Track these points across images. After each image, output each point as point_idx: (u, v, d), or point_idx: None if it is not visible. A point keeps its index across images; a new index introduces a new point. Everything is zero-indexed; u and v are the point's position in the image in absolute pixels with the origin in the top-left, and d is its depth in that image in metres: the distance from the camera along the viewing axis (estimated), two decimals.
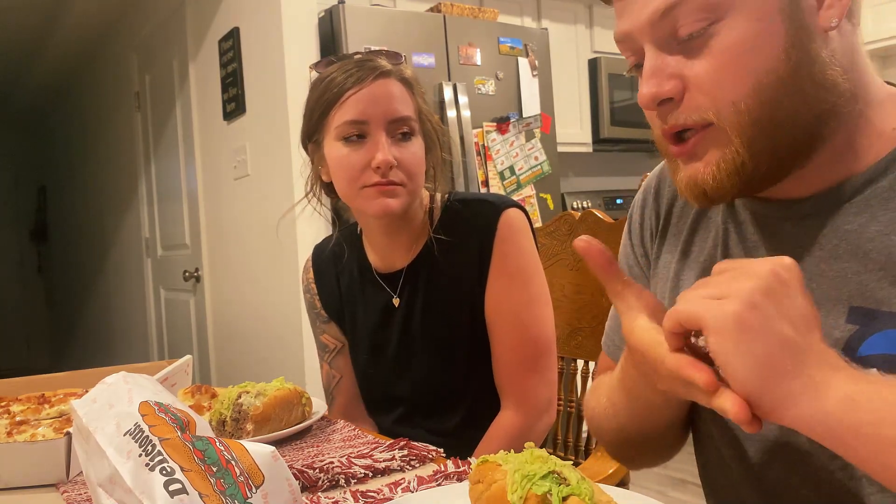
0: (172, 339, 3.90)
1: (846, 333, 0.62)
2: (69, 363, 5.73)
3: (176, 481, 0.56)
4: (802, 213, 0.67)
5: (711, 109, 0.62)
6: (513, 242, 1.17)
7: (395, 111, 1.13)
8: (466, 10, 3.02)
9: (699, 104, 0.62)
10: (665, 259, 0.81)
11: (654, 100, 0.63)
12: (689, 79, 0.62)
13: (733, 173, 0.62)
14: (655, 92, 0.63)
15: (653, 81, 0.63)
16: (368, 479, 0.85)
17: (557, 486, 0.59)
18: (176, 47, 3.50)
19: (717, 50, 0.61)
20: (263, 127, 2.83)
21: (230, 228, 3.20)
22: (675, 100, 0.63)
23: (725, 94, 0.61)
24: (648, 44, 0.64)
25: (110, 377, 0.71)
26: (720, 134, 0.62)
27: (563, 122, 3.50)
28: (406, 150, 1.14)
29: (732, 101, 0.61)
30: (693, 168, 0.65)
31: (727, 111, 0.61)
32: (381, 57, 1.18)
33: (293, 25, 2.65)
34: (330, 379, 1.36)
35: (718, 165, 0.63)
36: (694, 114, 0.63)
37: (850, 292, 0.63)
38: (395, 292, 1.25)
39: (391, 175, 1.12)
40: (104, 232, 4.93)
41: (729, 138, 0.62)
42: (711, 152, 0.63)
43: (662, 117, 0.65)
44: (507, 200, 1.21)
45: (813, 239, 0.66)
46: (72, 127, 5.56)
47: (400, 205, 1.14)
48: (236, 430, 1.01)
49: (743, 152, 0.61)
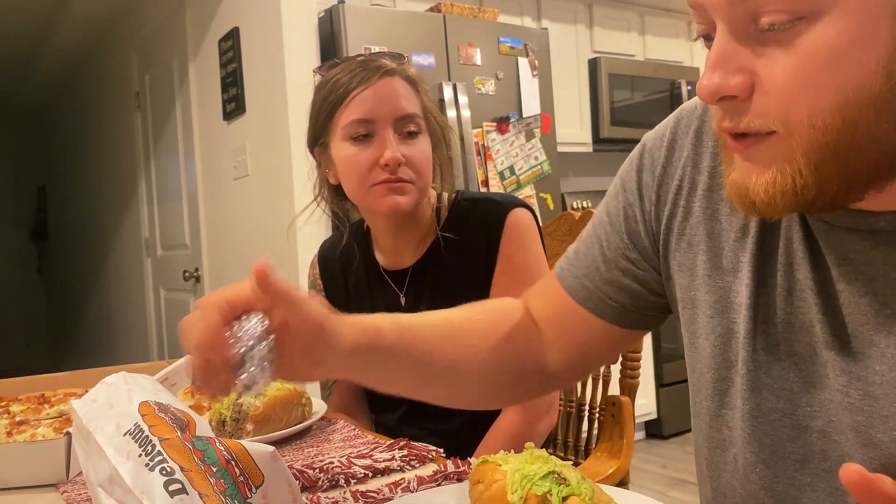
0: (172, 339, 3.90)
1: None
2: (69, 363, 5.73)
3: (176, 481, 0.56)
4: (876, 227, 0.56)
5: (780, 119, 0.51)
6: (519, 242, 1.17)
7: (402, 109, 1.14)
8: (466, 10, 3.02)
9: (767, 110, 0.52)
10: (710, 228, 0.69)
11: (714, 95, 0.53)
12: (761, 78, 0.52)
13: (789, 194, 0.53)
14: (718, 85, 0.52)
15: (718, 72, 0.52)
16: (368, 479, 0.85)
17: (557, 486, 0.59)
18: (176, 47, 3.50)
19: (802, 50, 0.49)
20: (263, 127, 2.83)
21: (230, 228, 3.20)
22: (740, 98, 0.53)
23: (801, 106, 0.50)
24: (721, 22, 0.53)
25: (110, 377, 0.71)
26: (785, 146, 0.52)
27: (563, 122, 3.50)
28: (414, 148, 1.15)
29: (809, 114, 0.50)
30: (745, 171, 0.55)
31: (799, 125, 0.51)
32: (384, 57, 1.18)
33: (293, 25, 2.66)
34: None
35: (775, 180, 0.53)
36: (759, 119, 0.52)
37: None
38: (402, 290, 1.25)
39: (400, 172, 1.13)
40: (104, 232, 4.93)
41: (793, 154, 0.52)
42: (770, 165, 0.53)
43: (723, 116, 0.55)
44: (514, 200, 1.21)
45: (885, 256, 0.56)
46: (72, 127, 5.56)
47: (409, 202, 1.15)
48: (236, 430, 1.01)
49: (807, 174, 0.52)
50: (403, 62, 1.19)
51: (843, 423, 0.59)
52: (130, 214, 4.36)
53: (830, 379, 0.59)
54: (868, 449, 0.57)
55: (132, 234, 4.36)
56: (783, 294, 0.63)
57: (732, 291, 0.66)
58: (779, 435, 0.64)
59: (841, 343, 0.59)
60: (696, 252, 0.69)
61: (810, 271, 0.60)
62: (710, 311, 0.68)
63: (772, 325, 0.63)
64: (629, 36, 3.98)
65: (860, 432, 0.57)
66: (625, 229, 0.75)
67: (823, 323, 0.60)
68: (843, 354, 0.59)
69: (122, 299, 4.66)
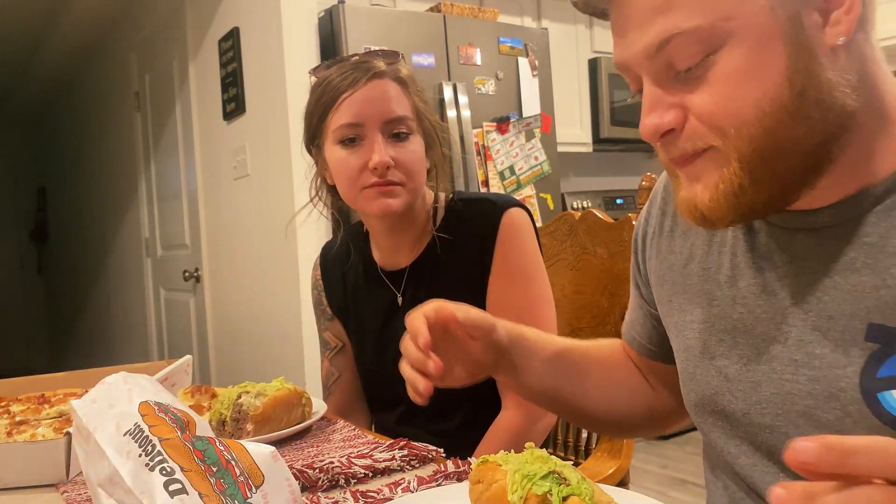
0: (172, 339, 3.90)
1: (865, 352, 0.60)
2: (69, 363, 5.72)
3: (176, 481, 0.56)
4: (819, 224, 0.64)
5: (714, 137, 0.60)
6: (514, 242, 1.17)
7: (391, 111, 1.14)
8: (466, 10, 3.02)
9: (701, 132, 0.61)
10: (669, 261, 0.81)
11: (656, 132, 0.62)
12: (690, 108, 0.61)
13: (731, 196, 0.61)
14: (657, 124, 0.62)
15: (654, 114, 0.62)
16: (368, 479, 0.85)
17: (558, 486, 0.59)
18: (176, 47, 3.50)
19: (715, 80, 0.59)
20: (263, 127, 2.83)
21: (230, 228, 3.20)
22: (677, 130, 0.62)
23: (727, 123, 0.59)
24: (646, 76, 0.62)
25: (110, 377, 0.71)
26: (720, 156, 0.61)
27: (563, 122, 3.50)
28: (404, 150, 1.15)
29: (735, 127, 0.59)
30: (693, 190, 0.64)
31: (730, 137, 0.60)
32: (377, 58, 1.18)
33: (293, 25, 2.66)
34: (329, 375, 1.37)
35: (717, 187, 0.61)
36: (697, 141, 0.61)
37: (869, 308, 0.60)
38: (399, 291, 1.25)
39: (389, 175, 1.13)
40: (104, 232, 4.93)
41: (728, 160, 0.60)
42: (711, 174, 0.62)
43: (666, 148, 0.64)
44: (510, 200, 1.21)
45: (828, 250, 0.64)
46: (72, 127, 5.56)
47: (400, 204, 1.15)
48: (236, 430, 1.01)
49: (742, 176, 0.60)
50: (396, 62, 1.19)
51: (792, 412, 0.66)
52: (130, 214, 4.36)
53: (777, 372, 0.67)
54: (816, 430, 0.63)
55: (132, 234, 4.36)
56: (728, 303, 0.72)
57: (686, 311, 0.77)
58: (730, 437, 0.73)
59: (784, 336, 0.66)
60: (663, 284, 0.81)
61: (753, 278, 0.70)
62: (674, 331, 0.80)
63: (723, 334, 0.72)
64: None
65: (810, 416, 0.64)
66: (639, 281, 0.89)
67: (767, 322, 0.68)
68: (788, 346, 0.66)
69: (122, 299, 4.66)
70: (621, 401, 0.92)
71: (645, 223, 0.86)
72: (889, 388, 0.59)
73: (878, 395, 0.59)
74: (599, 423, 0.94)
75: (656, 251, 0.83)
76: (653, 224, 0.84)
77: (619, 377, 0.93)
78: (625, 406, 0.92)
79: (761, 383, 0.68)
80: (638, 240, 0.88)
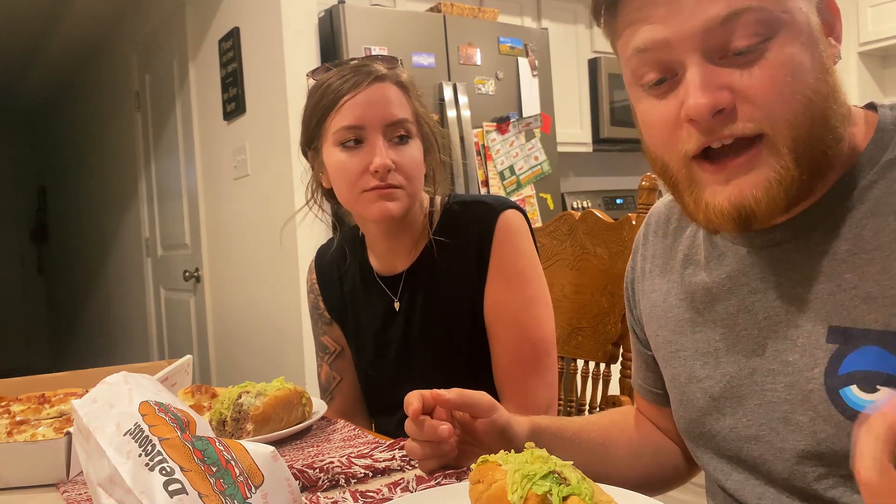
0: (172, 339, 3.90)
1: (828, 353, 0.64)
2: (69, 363, 5.73)
3: (175, 481, 0.56)
4: (777, 240, 0.69)
5: (766, 122, 0.61)
6: (510, 244, 1.17)
7: (392, 115, 1.13)
8: (466, 10, 3.02)
9: (754, 114, 0.61)
10: (651, 299, 0.85)
11: (712, 110, 0.61)
12: (742, 91, 0.61)
13: (785, 187, 0.62)
14: (714, 101, 0.60)
15: (707, 93, 0.60)
16: (368, 479, 0.85)
17: (558, 485, 0.59)
18: (176, 47, 3.50)
19: (771, 64, 0.60)
20: (263, 127, 2.83)
21: (230, 228, 3.20)
22: (727, 111, 0.61)
23: (780, 109, 0.60)
24: (695, 53, 0.61)
25: (111, 377, 0.71)
26: (773, 148, 0.61)
27: (563, 122, 3.50)
28: (404, 153, 1.14)
29: (786, 115, 0.61)
30: (739, 186, 0.63)
31: (782, 125, 0.61)
32: (377, 61, 1.17)
33: (293, 25, 2.66)
34: (330, 380, 1.36)
35: (770, 179, 0.62)
36: (749, 123, 0.61)
37: (828, 312, 0.65)
38: (395, 296, 1.25)
39: (390, 178, 1.12)
40: (104, 232, 4.93)
41: (780, 151, 0.61)
42: (761, 169, 0.62)
43: (712, 129, 0.62)
44: (505, 202, 1.20)
45: (789, 264, 0.68)
46: (72, 127, 5.56)
47: (400, 208, 1.14)
48: (236, 430, 1.01)
49: (793, 168, 0.61)
50: (396, 66, 1.19)
51: (773, 419, 0.69)
52: (130, 214, 4.36)
53: (759, 384, 0.70)
54: (794, 434, 0.67)
55: (132, 234, 4.36)
56: (709, 327, 0.75)
57: (671, 342, 0.81)
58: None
59: (762, 349, 0.70)
60: (650, 322, 0.85)
61: (727, 300, 0.73)
62: (663, 364, 0.83)
63: (707, 357, 0.76)
64: None
65: (788, 420, 0.68)
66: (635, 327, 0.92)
67: (746, 339, 0.71)
68: (766, 357, 0.70)
69: (122, 299, 4.66)
70: (645, 462, 0.92)
71: (631, 271, 0.91)
72: (848, 384, 0.63)
73: (839, 391, 0.63)
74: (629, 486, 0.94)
75: (642, 293, 0.88)
76: (637, 270, 0.89)
77: (639, 441, 0.94)
78: (651, 467, 0.93)
79: (745, 397, 0.72)
80: (628, 287, 0.92)
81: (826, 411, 0.64)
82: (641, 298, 0.88)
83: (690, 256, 0.80)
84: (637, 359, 0.94)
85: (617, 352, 1.33)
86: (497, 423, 0.82)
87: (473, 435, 0.83)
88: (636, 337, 0.92)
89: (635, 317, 0.91)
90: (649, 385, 0.92)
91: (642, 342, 0.91)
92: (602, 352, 1.35)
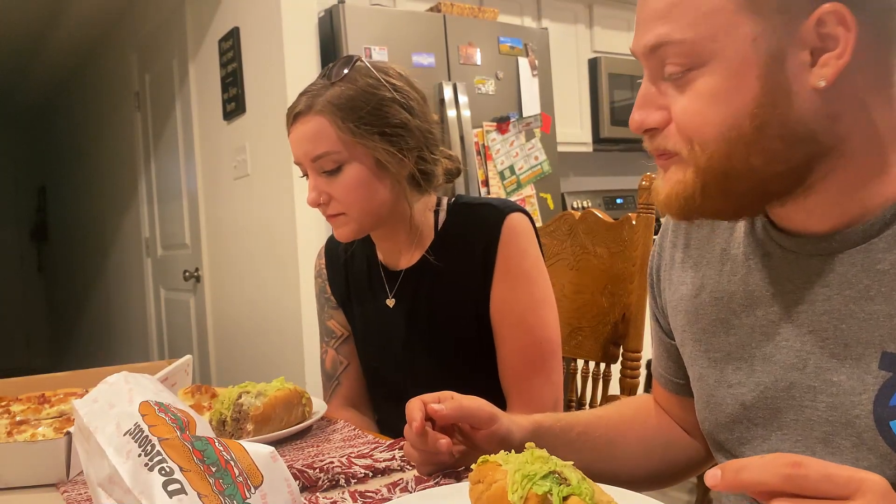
0: (172, 339, 3.90)
1: (879, 380, 0.61)
2: (69, 363, 5.72)
3: (175, 481, 0.56)
4: (830, 249, 0.66)
5: (682, 145, 0.65)
6: (516, 246, 1.18)
7: (310, 152, 1.15)
8: (466, 10, 3.02)
9: (673, 138, 0.66)
10: (680, 291, 0.83)
11: (639, 128, 0.68)
12: (672, 113, 0.66)
13: (681, 199, 0.67)
14: (641, 121, 0.67)
15: (642, 111, 0.67)
16: (368, 479, 0.85)
17: (558, 486, 0.59)
18: (176, 47, 3.50)
19: (692, 94, 0.63)
20: (263, 127, 2.83)
21: (230, 228, 3.20)
22: (659, 129, 0.67)
23: (693, 136, 0.64)
24: (646, 70, 0.67)
25: (112, 377, 0.71)
26: (682, 165, 0.66)
27: (563, 121, 3.50)
28: (335, 184, 1.16)
29: (699, 143, 0.64)
30: (660, 179, 0.70)
31: (692, 151, 0.65)
32: (321, 79, 1.17)
33: (293, 25, 2.65)
34: (336, 365, 1.36)
35: (672, 188, 0.67)
36: (669, 143, 0.66)
37: (883, 336, 0.61)
38: (392, 293, 1.26)
39: (329, 209, 1.18)
40: (104, 232, 4.93)
41: (686, 172, 0.66)
42: (672, 175, 0.67)
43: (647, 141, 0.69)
44: (511, 205, 1.21)
45: (843, 277, 0.65)
46: (72, 127, 5.56)
47: (348, 233, 1.19)
48: (236, 430, 1.01)
49: (695, 186, 0.65)
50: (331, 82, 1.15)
51: (811, 439, 0.68)
52: (130, 214, 4.35)
53: (797, 399, 0.69)
54: (833, 457, 0.65)
55: (132, 234, 4.36)
56: (746, 332, 0.73)
57: (700, 341, 0.79)
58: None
59: (803, 363, 0.68)
60: (676, 314, 0.83)
61: (770, 305, 0.71)
62: (689, 360, 0.82)
63: (740, 363, 0.74)
64: (629, 36, 3.97)
65: (828, 442, 0.66)
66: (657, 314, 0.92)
67: (787, 349, 0.69)
68: (806, 373, 0.68)
69: (122, 299, 4.65)
70: (656, 456, 0.92)
71: (658, 256, 0.89)
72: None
73: (890, 423, 0.61)
74: (637, 483, 0.94)
75: (668, 283, 0.85)
76: (665, 257, 0.87)
77: (650, 434, 0.93)
78: (661, 461, 0.92)
79: (781, 410, 0.70)
80: (653, 273, 0.90)
81: (872, 440, 0.62)
82: (667, 288, 0.86)
83: (728, 251, 0.77)
84: (658, 347, 0.92)
85: (617, 352, 1.33)
86: (497, 433, 0.82)
87: (473, 442, 0.83)
88: (658, 325, 0.90)
89: (659, 305, 0.89)
90: (670, 375, 0.90)
91: (665, 331, 0.89)
92: (602, 352, 1.35)
